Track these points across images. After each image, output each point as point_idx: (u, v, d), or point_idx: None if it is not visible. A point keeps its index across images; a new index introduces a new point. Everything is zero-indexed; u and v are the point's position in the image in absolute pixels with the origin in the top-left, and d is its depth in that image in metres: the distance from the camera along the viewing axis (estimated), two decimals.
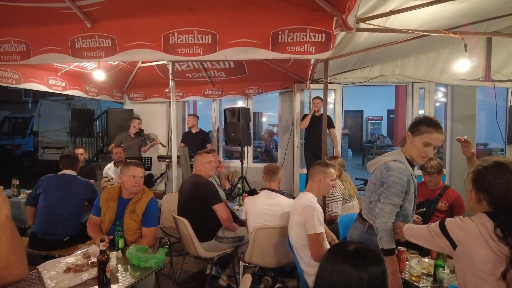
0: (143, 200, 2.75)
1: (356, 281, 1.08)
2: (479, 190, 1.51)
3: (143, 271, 2.22)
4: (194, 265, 3.96)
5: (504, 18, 3.99)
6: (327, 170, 2.62)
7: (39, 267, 2.16)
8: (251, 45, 2.55)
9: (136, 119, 6.09)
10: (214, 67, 5.81)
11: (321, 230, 2.42)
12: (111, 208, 2.73)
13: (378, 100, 12.57)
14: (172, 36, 2.67)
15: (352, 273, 1.08)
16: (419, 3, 2.91)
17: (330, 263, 1.14)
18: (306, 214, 2.44)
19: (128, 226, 2.70)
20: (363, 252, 1.15)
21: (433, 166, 3.12)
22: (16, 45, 3.00)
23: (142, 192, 2.80)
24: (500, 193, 1.45)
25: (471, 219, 1.47)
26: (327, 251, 1.24)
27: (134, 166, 2.74)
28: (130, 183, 2.70)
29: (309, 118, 5.56)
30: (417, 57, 5.62)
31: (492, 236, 1.37)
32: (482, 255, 1.39)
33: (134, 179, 2.70)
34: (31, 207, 3.38)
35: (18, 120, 12.95)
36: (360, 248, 1.16)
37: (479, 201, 1.51)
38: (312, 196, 2.59)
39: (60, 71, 5.04)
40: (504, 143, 5.83)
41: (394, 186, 1.97)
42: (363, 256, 1.13)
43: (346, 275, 1.09)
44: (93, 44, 2.84)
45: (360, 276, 1.08)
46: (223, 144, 7.56)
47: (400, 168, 1.99)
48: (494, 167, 1.49)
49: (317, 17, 2.42)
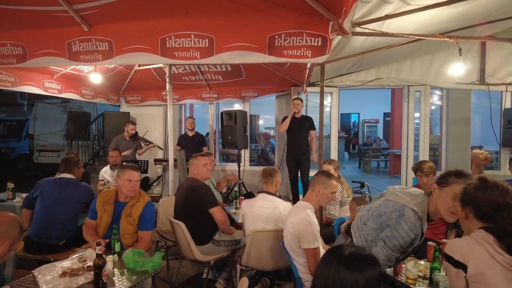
0: (139, 204, 2.74)
1: (352, 284, 1.08)
2: (465, 205, 1.48)
3: (139, 275, 2.21)
4: (190, 269, 3.94)
5: (497, 22, 4.04)
6: (328, 181, 2.50)
7: (34, 272, 2.14)
8: (248, 49, 2.56)
9: (130, 124, 6.07)
10: (211, 70, 5.83)
11: (316, 245, 2.34)
12: (108, 212, 2.72)
13: (374, 103, 12.66)
14: (169, 39, 2.68)
15: (347, 276, 1.09)
16: (414, 7, 2.95)
17: (327, 266, 1.15)
18: (300, 228, 2.36)
19: (124, 229, 2.68)
20: (359, 255, 1.16)
21: (430, 167, 3.16)
22: (12, 48, 2.99)
23: (139, 195, 2.79)
24: (482, 201, 1.42)
25: (471, 237, 1.42)
26: (324, 254, 1.25)
27: (131, 170, 2.73)
28: (126, 187, 2.70)
29: (288, 120, 5.16)
30: (412, 61, 5.69)
31: (497, 249, 1.32)
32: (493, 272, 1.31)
33: (130, 183, 2.70)
34: (27, 210, 3.35)
35: (13, 123, 12.86)
36: (356, 252, 1.17)
37: (467, 216, 1.48)
38: (309, 207, 2.49)
39: (56, 74, 5.03)
40: (499, 146, 5.89)
41: (398, 240, 1.84)
42: (359, 259, 1.14)
43: (342, 278, 1.10)
44: (90, 47, 2.84)
45: (356, 279, 1.08)
46: (220, 147, 7.56)
47: (413, 222, 1.82)
48: (476, 182, 1.48)
49: (313, 22, 2.44)
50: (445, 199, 1.78)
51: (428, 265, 2.22)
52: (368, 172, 10.16)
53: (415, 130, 6.19)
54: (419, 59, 5.66)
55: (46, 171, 3.54)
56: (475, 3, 3.18)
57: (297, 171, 5.35)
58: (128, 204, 2.73)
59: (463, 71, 3.88)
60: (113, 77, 5.65)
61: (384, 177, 9.38)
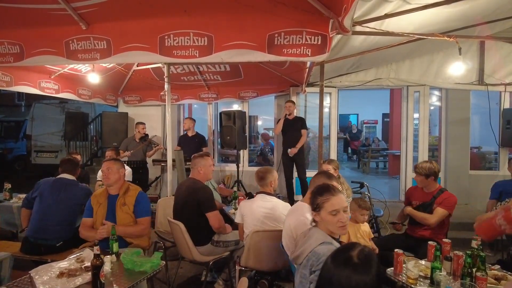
0: (131, 193, 2.86)
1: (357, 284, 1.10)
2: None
3: (138, 276, 2.19)
4: (189, 270, 3.91)
5: (496, 22, 4.05)
6: (327, 181, 2.45)
7: (31, 272, 2.12)
8: (247, 48, 2.55)
9: (140, 124, 6.12)
10: (210, 70, 5.81)
11: None
12: (103, 205, 2.81)
13: (373, 104, 12.66)
14: (168, 38, 2.67)
15: (354, 277, 1.11)
16: (413, 6, 2.95)
17: (334, 265, 1.18)
18: (298, 231, 2.34)
19: (121, 219, 2.76)
20: (366, 257, 1.17)
21: (422, 168, 3.15)
22: (10, 47, 2.98)
23: (128, 186, 2.90)
24: None
25: None
26: (333, 252, 1.27)
27: (106, 162, 2.93)
28: (103, 177, 2.88)
29: (281, 123, 5.41)
30: (411, 61, 5.70)
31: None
32: None
33: (102, 174, 2.86)
34: (26, 209, 3.34)
35: (10, 124, 12.79)
36: (363, 253, 1.18)
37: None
38: (308, 210, 2.41)
39: (54, 74, 5.00)
40: (498, 146, 5.90)
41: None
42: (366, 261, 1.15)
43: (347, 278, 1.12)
44: (88, 46, 2.82)
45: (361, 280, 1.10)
46: (218, 147, 7.54)
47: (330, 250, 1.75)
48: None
49: (313, 20, 2.43)
50: (327, 219, 1.87)
51: (429, 265, 2.21)
52: (367, 172, 10.14)
53: (414, 130, 6.20)
54: (418, 59, 5.67)
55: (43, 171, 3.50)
56: (474, 2, 3.18)
57: (293, 169, 5.59)
58: (120, 194, 2.83)
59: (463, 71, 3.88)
60: (111, 77, 5.63)
61: (383, 178, 9.36)
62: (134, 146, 5.97)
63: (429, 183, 3.16)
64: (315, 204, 1.94)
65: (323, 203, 1.90)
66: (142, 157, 6.05)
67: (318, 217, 1.93)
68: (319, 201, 1.92)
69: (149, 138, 6.23)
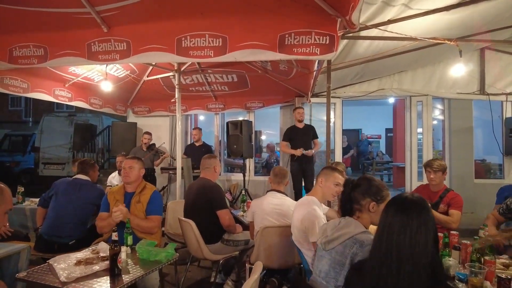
0: (146, 192, 2.91)
1: (408, 225, 1.30)
2: None
3: (153, 265, 2.24)
4: (198, 273, 3.91)
5: (495, 32, 4.22)
6: (330, 173, 2.54)
7: (50, 261, 2.17)
8: (259, 47, 2.69)
9: (145, 134, 6.24)
10: (218, 81, 5.99)
11: None
12: (119, 201, 2.86)
13: (376, 119, 12.81)
14: (185, 39, 2.82)
15: (405, 220, 1.31)
16: (415, 12, 3.11)
17: (387, 213, 1.39)
18: (306, 223, 2.40)
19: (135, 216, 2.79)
20: (412, 201, 1.37)
21: (440, 165, 3.24)
22: (34, 50, 3.13)
23: (145, 185, 2.96)
24: None
25: None
26: (386, 204, 1.47)
27: (127, 159, 3.02)
28: (122, 174, 2.96)
29: (291, 152, 5.39)
30: (414, 72, 5.85)
31: None
32: None
33: (124, 171, 2.92)
34: (42, 208, 3.48)
35: (18, 138, 12.99)
36: (408, 197, 1.40)
37: None
38: (315, 202, 2.51)
39: (68, 82, 5.18)
40: (502, 155, 5.94)
41: None
42: (411, 205, 1.36)
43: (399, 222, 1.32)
44: (109, 47, 2.97)
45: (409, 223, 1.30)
46: (224, 157, 7.62)
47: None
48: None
49: (322, 21, 2.58)
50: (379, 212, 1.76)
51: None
52: None
53: (418, 139, 6.26)
54: (421, 69, 5.83)
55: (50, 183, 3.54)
56: (473, 9, 3.35)
57: (301, 179, 5.44)
58: (136, 192, 2.88)
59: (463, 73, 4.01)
60: (122, 87, 5.81)
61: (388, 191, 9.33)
62: (141, 155, 6.04)
63: (443, 179, 3.25)
64: (380, 196, 1.87)
65: (386, 196, 1.87)
66: (149, 165, 6.12)
67: (376, 208, 1.85)
68: (384, 193, 1.88)
69: (156, 147, 6.33)
